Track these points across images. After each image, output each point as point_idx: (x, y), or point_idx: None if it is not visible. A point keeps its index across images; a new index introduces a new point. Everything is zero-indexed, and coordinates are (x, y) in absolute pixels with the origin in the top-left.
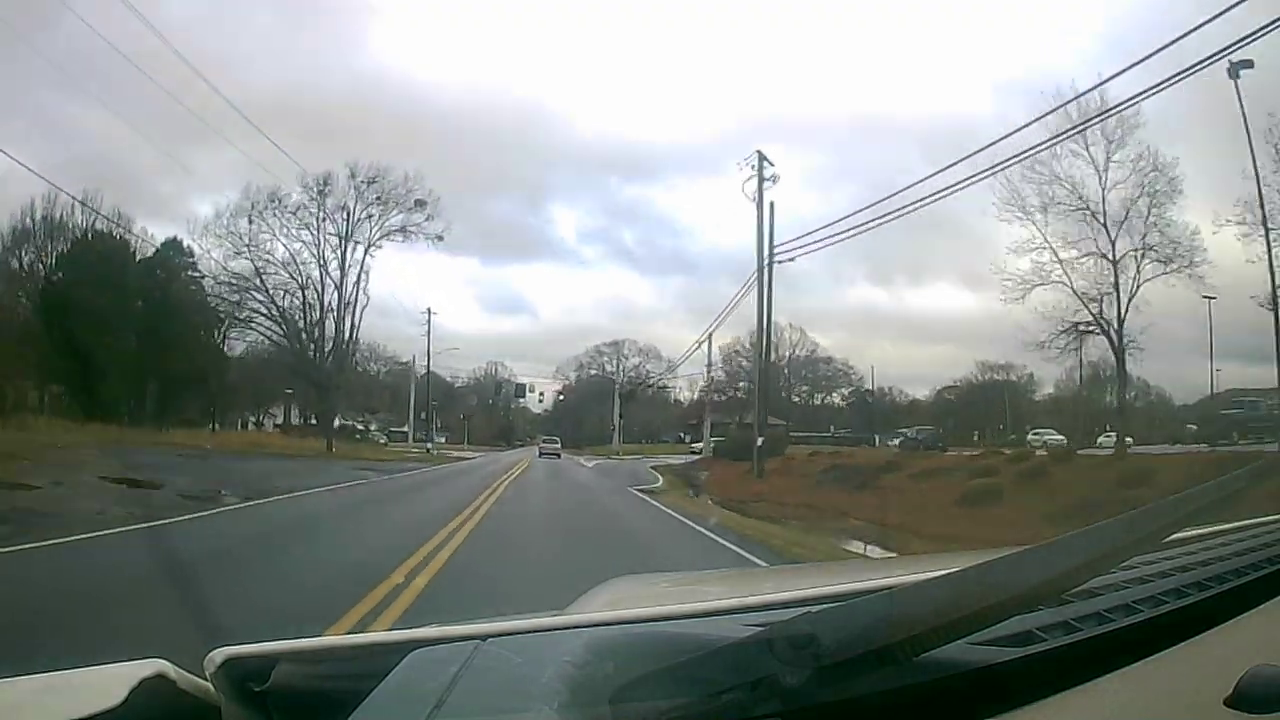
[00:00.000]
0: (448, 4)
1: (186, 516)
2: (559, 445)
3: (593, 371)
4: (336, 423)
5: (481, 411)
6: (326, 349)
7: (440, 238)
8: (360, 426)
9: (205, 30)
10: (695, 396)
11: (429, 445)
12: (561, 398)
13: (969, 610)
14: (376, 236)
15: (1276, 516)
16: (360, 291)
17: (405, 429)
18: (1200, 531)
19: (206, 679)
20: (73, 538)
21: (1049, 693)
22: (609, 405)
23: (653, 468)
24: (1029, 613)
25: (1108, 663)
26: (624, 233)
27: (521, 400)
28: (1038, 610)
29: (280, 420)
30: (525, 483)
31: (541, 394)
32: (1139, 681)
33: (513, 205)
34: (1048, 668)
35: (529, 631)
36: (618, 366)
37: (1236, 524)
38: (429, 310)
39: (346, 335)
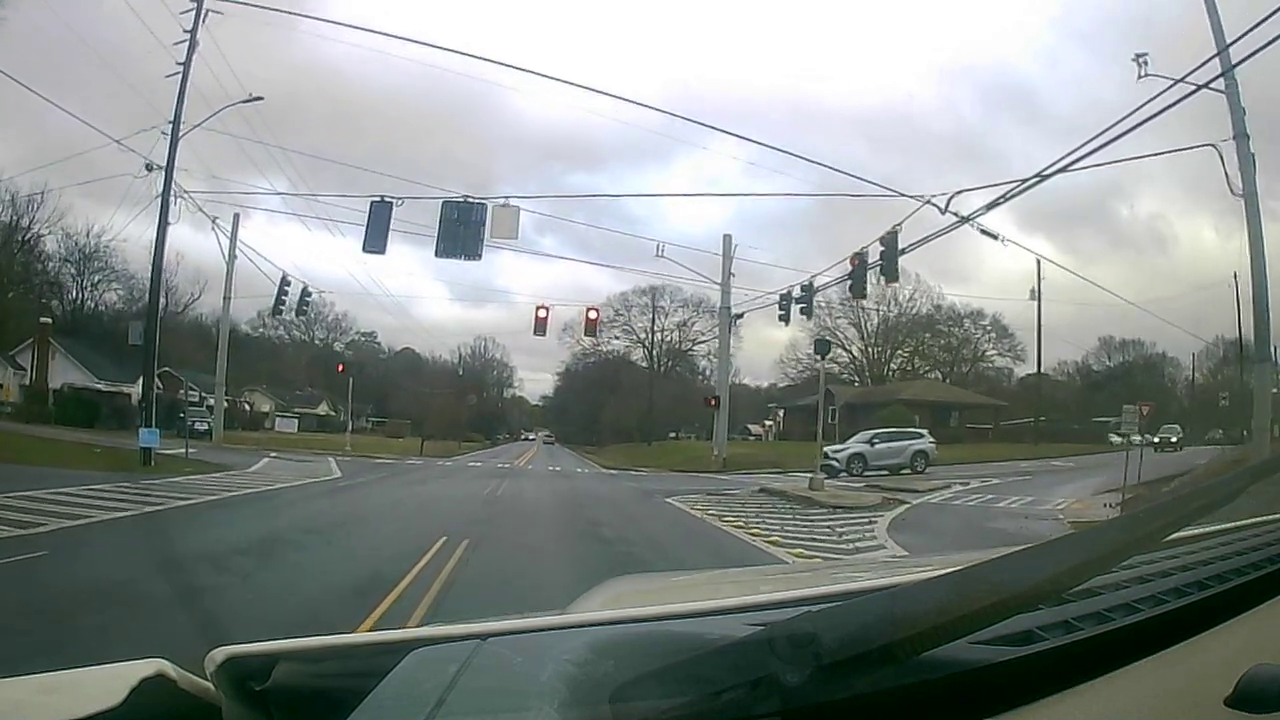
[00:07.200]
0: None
1: None
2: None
3: (616, 336)
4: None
5: (443, 392)
6: None
7: None
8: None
9: None
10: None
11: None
12: (593, 334)
13: (969, 609)
14: None
15: (1276, 516)
16: None
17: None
18: (1200, 531)
19: (207, 678)
20: None
21: (1049, 692)
22: (654, 383)
23: None
24: (1029, 612)
25: (1108, 662)
26: (577, 220)
27: (514, 388)
28: (1038, 609)
29: None
30: None
31: (545, 310)
32: (1139, 681)
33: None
34: (1048, 667)
35: (529, 631)
36: (653, 324)
37: (1236, 524)
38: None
39: None
